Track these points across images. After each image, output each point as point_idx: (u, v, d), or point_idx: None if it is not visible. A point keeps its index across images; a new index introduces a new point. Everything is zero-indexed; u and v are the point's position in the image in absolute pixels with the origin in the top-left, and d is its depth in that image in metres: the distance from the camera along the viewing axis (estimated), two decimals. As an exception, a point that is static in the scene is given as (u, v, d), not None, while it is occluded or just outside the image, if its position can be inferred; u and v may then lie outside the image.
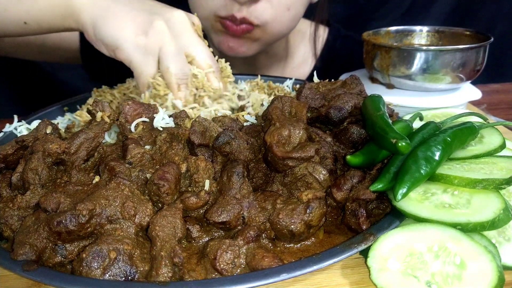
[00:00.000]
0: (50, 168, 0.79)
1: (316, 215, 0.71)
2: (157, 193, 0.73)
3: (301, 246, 0.73)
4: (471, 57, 1.20)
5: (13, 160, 0.84)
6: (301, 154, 0.77)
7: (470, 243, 0.65)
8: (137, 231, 0.70)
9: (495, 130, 0.89)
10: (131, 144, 0.81)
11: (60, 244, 0.68)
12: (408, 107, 1.21)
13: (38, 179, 0.76)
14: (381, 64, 1.25)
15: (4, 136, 1.08)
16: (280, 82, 1.34)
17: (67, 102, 1.29)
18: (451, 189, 0.74)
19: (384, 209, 0.78)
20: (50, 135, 0.84)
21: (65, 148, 0.80)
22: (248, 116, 1.01)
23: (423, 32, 1.42)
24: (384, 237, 0.68)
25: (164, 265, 0.64)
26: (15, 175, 0.79)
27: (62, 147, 0.79)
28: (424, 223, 0.69)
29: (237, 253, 0.68)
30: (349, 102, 0.91)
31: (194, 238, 0.73)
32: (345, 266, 0.71)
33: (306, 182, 0.78)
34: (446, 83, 1.23)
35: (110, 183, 0.73)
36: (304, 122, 0.83)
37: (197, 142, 0.83)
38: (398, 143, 0.73)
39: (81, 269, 0.64)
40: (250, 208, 0.74)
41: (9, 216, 0.73)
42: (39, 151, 0.78)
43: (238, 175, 0.76)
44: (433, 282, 0.62)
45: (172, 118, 0.92)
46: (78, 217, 0.66)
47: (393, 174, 0.76)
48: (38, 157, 0.77)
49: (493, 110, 1.46)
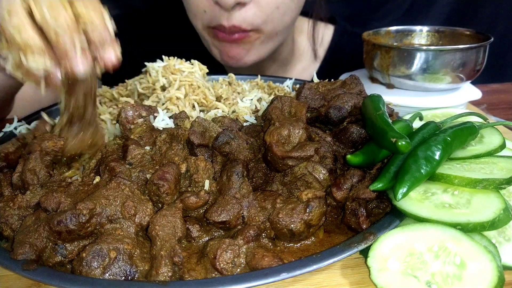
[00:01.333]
0: (48, 167, 0.79)
1: (316, 214, 0.71)
2: (157, 193, 0.73)
3: (301, 246, 0.73)
4: (471, 57, 1.20)
5: (15, 159, 0.84)
6: (301, 154, 0.77)
7: (470, 243, 0.65)
8: (137, 231, 0.70)
9: (495, 130, 0.89)
10: (132, 145, 0.81)
11: (60, 244, 0.68)
12: (408, 107, 1.21)
13: (36, 179, 0.77)
14: (381, 64, 1.25)
15: (4, 136, 1.08)
16: (280, 82, 1.34)
17: (67, 102, 1.29)
18: (451, 189, 0.74)
19: (384, 209, 0.78)
20: (46, 134, 0.84)
21: (61, 145, 0.79)
22: (247, 116, 1.01)
23: (423, 32, 1.42)
24: (384, 237, 0.68)
25: (164, 265, 0.64)
26: (15, 175, 0.79)
27: (58, 145, 0.79)
28: (424, 223, 0.69)
29: (237, 253, 0.68)
30: (349, 102, 0.91)
31: (194, 238, 0.73)
32: (345, 266, 0.71)
33: (306, 181, 0.78)
34: (446, 83, 1.23)
35: (110, 183, 0.73)
36: (304, 121, 0.83)
37: (197, 142, 0.83)
38: (398, 142, 0.73)
39: (81, 269, 0.64)
40: (250, 207, 0.74)
41: (9, 215, 0.73)
42: (36, 150, 0.78)
43: (237, 174, 0.76)
44: (433, 282, 0.62)
45: (172, 119, 0.92)
46: (78, 217, 0.66)
47: (393, 173, 0.76)
48: (36, 157, 0.77)
49: (493, 110, 1.46)
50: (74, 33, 0.69)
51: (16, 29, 0.67)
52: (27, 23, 0.68)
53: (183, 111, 0.94)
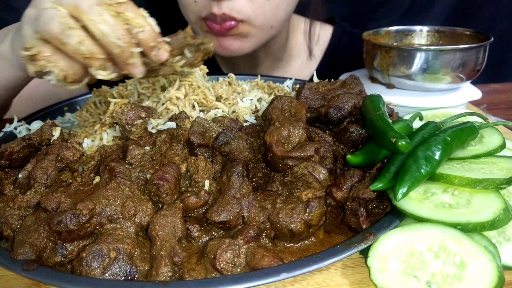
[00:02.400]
0: (57, 173, 0.80)
1: (315, 214, 0.71)
2: (157, 193, 0.73)
3: (301, 246, 0.73)
4: (471, 57, 1.20)
5: (18, 158, 0.85)
6: (301, 154, 0.77)
7: (470, 243, 0.65)
8: (137, 231, 0.70)
9: (495, 130, 0.89)
10: (131, 145, 0.81)
11: (60, 244, 0.68)
12: (408, 107, 1.21)
13: (45, 179, 0.78)
14: (381, 64, 1.25)
15: (4, 136, 1.08)
16: (280, 82, 1.34)
17: (67, 102, 1.29)
18: (451, 189, 0.74)
19: (384, 209, 0.78)
20: (65, 143, 0.87)
21: (77, 157, 0.82)
22: (247, 116, 1.01)
23: (423, 32, 1.42)
24: (384, 237, 0.68)
25: (164, 265, 0.64)
26: (23, 172, 0.80)
27: (75, 156, 0.82)
28: (424, 223, 0.69)
29: (237, 253, 0.68)
30: (349, 102, 0.91)
31: (194, 238, 0.73)
32: (345, 266, 0.71)
33: (306, 181, 0.78)
34: (446, 83, 1.23)
35: (110, 183, 0.73)
36: (304, 121, 0.83)
37: (197, 142, 0.83)
38: (398, 142, 0.73)
39: (81, 269, 0.64)
40: (250, 207, 0.74)
41: (9, 215, 0.73)
42: (53, 153, 0.81)
43: (237, 174, 0.76)
44: (433, 282, 0.62)
45: (171, 122, 0.92)
46: (78, 217, 0.66)
47: (393, 173, 0.76)
48: (51, 159, 0.80)
49: (493, 110, 1.46)
50: (131, 44, 0.77)
51: (79, 43, 0.74)
52: (86, 37, 0.75)
53: (183, 111, 0.94)
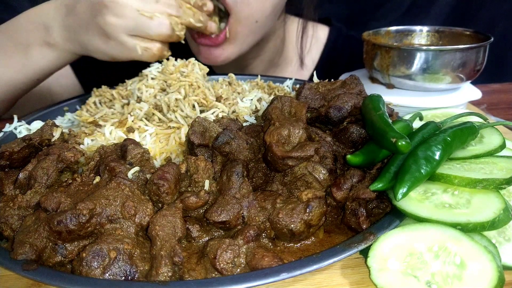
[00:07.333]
0: (57, 174, 0.80)
1: (315, 214, 0.71)
2: (157, 193, 0.73)
3: (301, 246, 0.73)
4: (471, 57, 1.20)
5: (18, 158, 0.85)
6: (301, 154, 0.77)
7: (470, 243, 0.65)
8: (137, 231, 0.70)
9: (495, 130, 0.89)
10: (131, 144, 0.81)
11: (60, 244, 0.68)
12: (408, 107, 1.21)
13: (46, 179, 0.78)
14: (381, 64, 1.25)
15: (4, 136, 1.08)
16: (280, 82, 1.34)
17: (67, 102, 1.29)
18: (451, 189, 0.74)
19: (384, 209, 0.78)
20: (69, 144, 0.87)
21: (78, 158, 0.82)
22: (247, 116, 1.01)
23: (423, 32, 1.42)
24: (384, 237, 0.68)
25: (164, 265, 0.64)
26: (24, 172, 0.80)
27: (76, 157, 0.82)
28: (424, 223, 0.69)
29: (237, 253, 0.68)
30: (349, 102, 0.91)
31: (194, 238, 0.73)
32: (345, 266, 0.71)
33: (306, 181, 0.78)
34: (446, 83, 1.23)
35: (110, 183, 0.73)
36: (304, 121, 0.83)
37: (197, 142, 0.83)
38: (398, 142, 0.73)
39: (81, 269, 0.64)
40: (250, 207, 0.74)
41: (9, 215, 0.73)
42: (55, 154, 0.81)
43: (237, 174, 0.76)
44: (433, 282, 0.62)
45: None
46: (78, 217, 0.66)
47: (393, 173, 0.76)
48: (53, 159, 0.80)
49: (493, 110, 1.46)
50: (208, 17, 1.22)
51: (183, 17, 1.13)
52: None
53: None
